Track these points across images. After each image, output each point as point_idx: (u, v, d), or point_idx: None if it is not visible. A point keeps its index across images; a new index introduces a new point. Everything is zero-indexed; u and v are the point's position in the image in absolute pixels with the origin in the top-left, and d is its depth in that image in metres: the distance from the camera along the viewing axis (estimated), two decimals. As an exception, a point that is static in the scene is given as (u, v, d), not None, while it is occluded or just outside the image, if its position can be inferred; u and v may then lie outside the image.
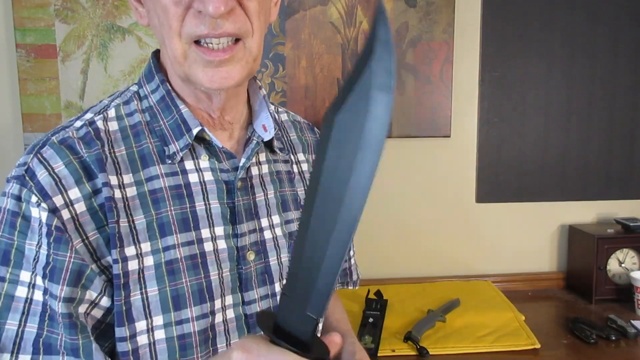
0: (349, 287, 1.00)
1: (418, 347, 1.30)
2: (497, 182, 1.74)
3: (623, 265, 1.63)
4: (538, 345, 1.31)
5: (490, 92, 1.70)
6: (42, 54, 1.55)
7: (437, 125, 1.69)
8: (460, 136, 1.72)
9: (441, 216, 1.75)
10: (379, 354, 1.30)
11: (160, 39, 0.68)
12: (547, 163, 1.74)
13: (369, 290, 1.56)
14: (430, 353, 1.29)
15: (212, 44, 0.65)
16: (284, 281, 0.76)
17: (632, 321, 1.44)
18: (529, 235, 1.78)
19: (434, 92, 1.67)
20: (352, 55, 1.63)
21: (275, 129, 0.78)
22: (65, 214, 0.64)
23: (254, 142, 0.76)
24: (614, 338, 1.35)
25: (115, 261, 0.65)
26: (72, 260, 0.63)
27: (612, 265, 1.63)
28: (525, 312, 1.50)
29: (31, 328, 0.63)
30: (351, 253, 0.99)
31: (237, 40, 0.66)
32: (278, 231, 0.77)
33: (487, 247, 1.78)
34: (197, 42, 0.65)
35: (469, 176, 1.74)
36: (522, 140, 1.73)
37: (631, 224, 1.65)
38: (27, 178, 0.64)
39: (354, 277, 0.99)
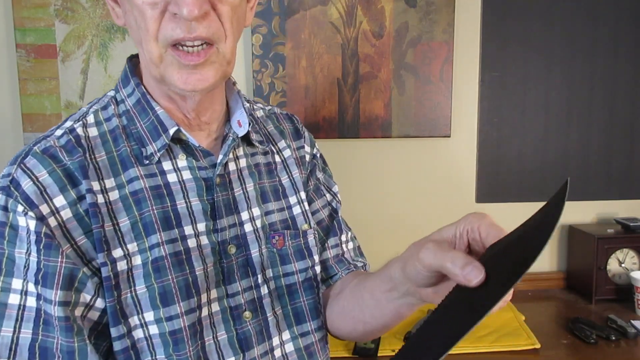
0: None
1: (418, 347, 1.30)
2: (497, 182, 1.74)
3: (623, 265, 1.63)
4: (538, 345, 1.31)
5: (490, 92, 1.70)
6: (42, 54, 1.55)
7: (437, 125, 1.69)
8: (460, 136, 1.72)
9: (441, 216, 1.75)
10: (379, 354, 1.30)
11: (137, 40, 0.70)
12: (547, 163, 1.74)
13: (369, 290, 1.55)
14: (430, 353, 1.28)
15: (186, 46, 0.66)
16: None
17: (632, 321, 1.44)
18: (529, 235, 1.78)
19: (434, 92, 1.67)
20: (352, 55, 1.63)
21: (250, 124, 0.80)
22: (52, 222, 0.65)
23: (230, 138, 0.78)
24: (614, 338, 1.35)
25: (104, 264, 0.67)
26: (63, 265, 0.65)
27: (612, 265, 1.63)
28: (525, 312, 1.50)
29: (26, 334, 0.64)
30: (343, 238, 0.93)
31: (210, 44, 0.68)
32: (258, 223, 0.79)
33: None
34: (173, 46, 0.67)
35: (469, 176, 1.74)
36: (522, 140, 1.73)
37: (631, 224, 1.65)
38: (12, 188, 0.65)
39: (359, 264, 0.93)
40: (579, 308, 1.60)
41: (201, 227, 0.73)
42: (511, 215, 1.77)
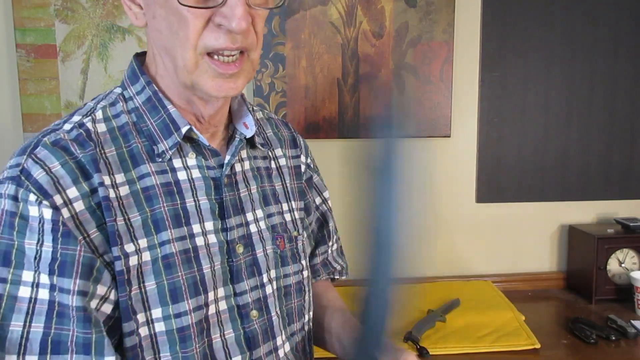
0: (337, 277, 1.04)
1: (418, 347, 1.30)
2: (497, 182, 1.74)
3: (623, 265, 1.63)
4: (538, 345, 1.31)
5: (490, 92, 1.70)
6: (42, 54, 1.55)
7: (437, 125, 1.69)
8: (460, 136, 1.72)
9: (441, 216, 1.75)
10: (379, 354, 1.30)
11: (167, 46, 0.69)
12: (547, 163, 1.74)
13: (369, 290, 1.55)
14: (430, 353, 1.28)
15: (223, 55, 0.67)
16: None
17: (632, 321, 1.44)
18: (529, 235, 1.78)
19: (434, 92, 1.67)
20: (352, 55, 1.63)
21: (255, 126, 0.82)
22: (66, 213, 0.64)
23: (237, 139, 0.79)
24: (614, 338, 1.35)
25: (117, 258, 0.67)
26: (82, 253, 0.64)
27: (612, 265, 1.63)
28: (525, 312, 1.50)
29: (37, 328, 0.62)
30: (329, 243, 1.01)
31: (243, 53, 0.70)
32: (262, 224, 0.80)
33: (487, 247, 1.78)
34: (208, 54, 0.68)
35: (469, 176, 1.74)
36: (522, 140, 1.73)
37: (631, 224, 1.65)
38: (22, 178, 0.64)
39: (337, 267, 1.02)
40: (579, 308, 1.60)
41: (209, 225, 0.74)
42: (511, 215, 1.77)
